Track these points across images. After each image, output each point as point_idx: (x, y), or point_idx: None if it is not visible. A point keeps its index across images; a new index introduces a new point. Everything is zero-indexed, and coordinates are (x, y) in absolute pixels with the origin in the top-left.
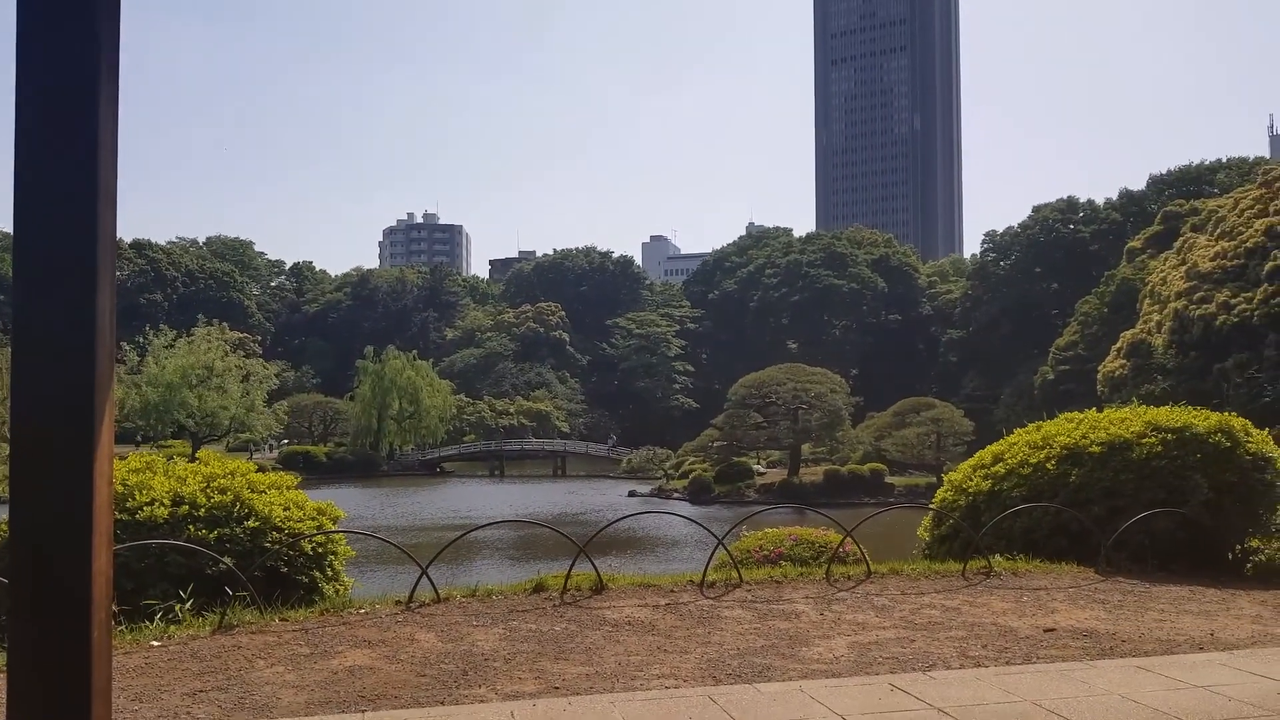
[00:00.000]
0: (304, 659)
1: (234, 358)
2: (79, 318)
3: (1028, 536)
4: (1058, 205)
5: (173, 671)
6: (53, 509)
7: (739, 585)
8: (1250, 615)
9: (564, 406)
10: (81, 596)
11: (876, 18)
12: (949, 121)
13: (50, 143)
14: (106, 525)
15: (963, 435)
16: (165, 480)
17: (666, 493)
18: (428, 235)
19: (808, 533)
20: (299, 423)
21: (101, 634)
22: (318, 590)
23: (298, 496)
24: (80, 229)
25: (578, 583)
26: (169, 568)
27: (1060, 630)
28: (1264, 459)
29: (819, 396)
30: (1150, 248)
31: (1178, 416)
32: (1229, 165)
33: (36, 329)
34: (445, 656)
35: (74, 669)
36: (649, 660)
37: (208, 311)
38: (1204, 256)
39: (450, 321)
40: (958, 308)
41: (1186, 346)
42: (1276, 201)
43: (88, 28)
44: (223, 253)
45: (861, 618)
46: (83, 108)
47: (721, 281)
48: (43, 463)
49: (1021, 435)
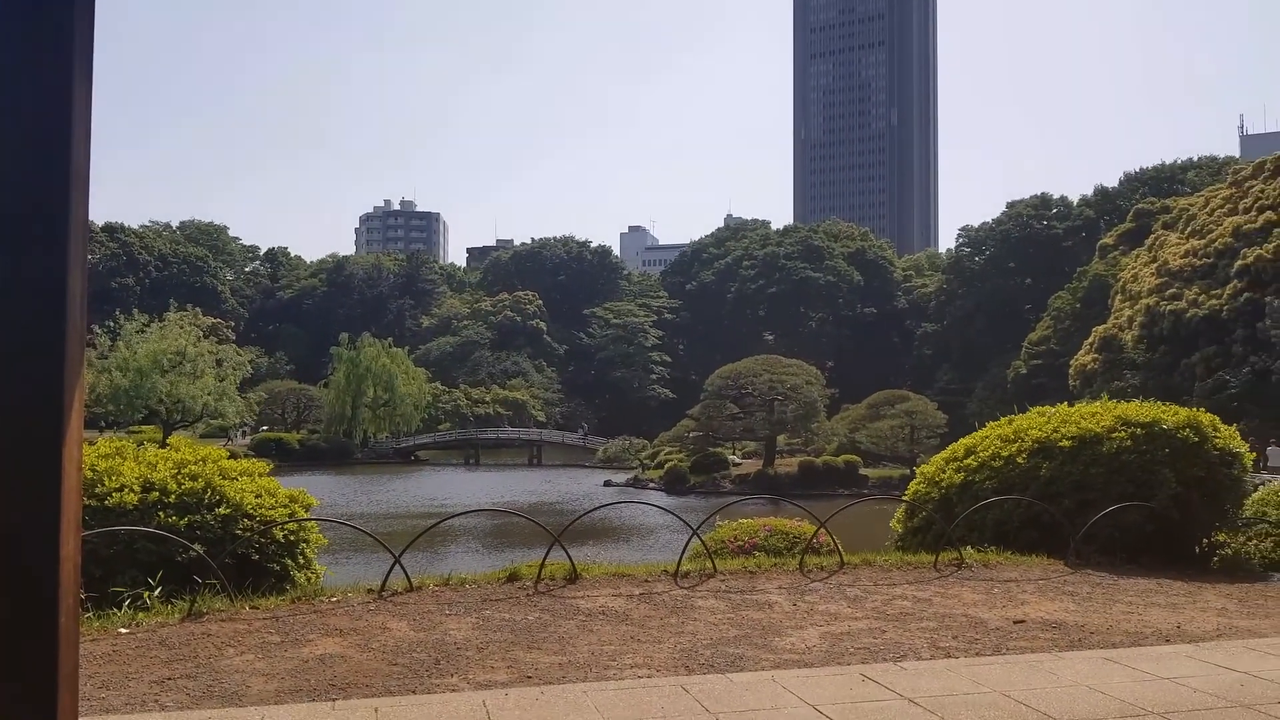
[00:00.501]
0: (274, 647)
1: (207, 343)
2: (49, 302)
3: (999, 529)
4: (1032, 201)
5: (141, 659)
6: (20, 494)
7: (713, 575)
8: (1216, 608)
9: (540, 396)
10: (49, 583)
11: (855, 13)
12: (925, 117)
13: (19, 121)
14: (75, 511)
15: (936, 428)
16: (135, 466)
17: (642, 482)
18: (405, 222)
19: (782, 523)
20: (272, 410)
21: (69, 621)
22: (289, 578)
23: (270, 484)
24: (51, 211)
25: (552, 572)
26: (138, 554)
27: (1030, 622)
28: (1231, 454)
29: (795, 388)
30: (1122, 244)
31: (1147, 411)
32: (1200, 165)
33: (4, 313)
34: (417, 645)
35: (40, 656)
36: (622, 650)
37: (180, 296)
38: (1175, 254)
39: (427, 309)
40: (932, 301)
41: (1156, 341)
42: (1245, 201)
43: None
44: (196, 237)
45: (834, 608)
46: (55, 87)
47: (699, 273)
48: (10, 448)
49: (994, 429)
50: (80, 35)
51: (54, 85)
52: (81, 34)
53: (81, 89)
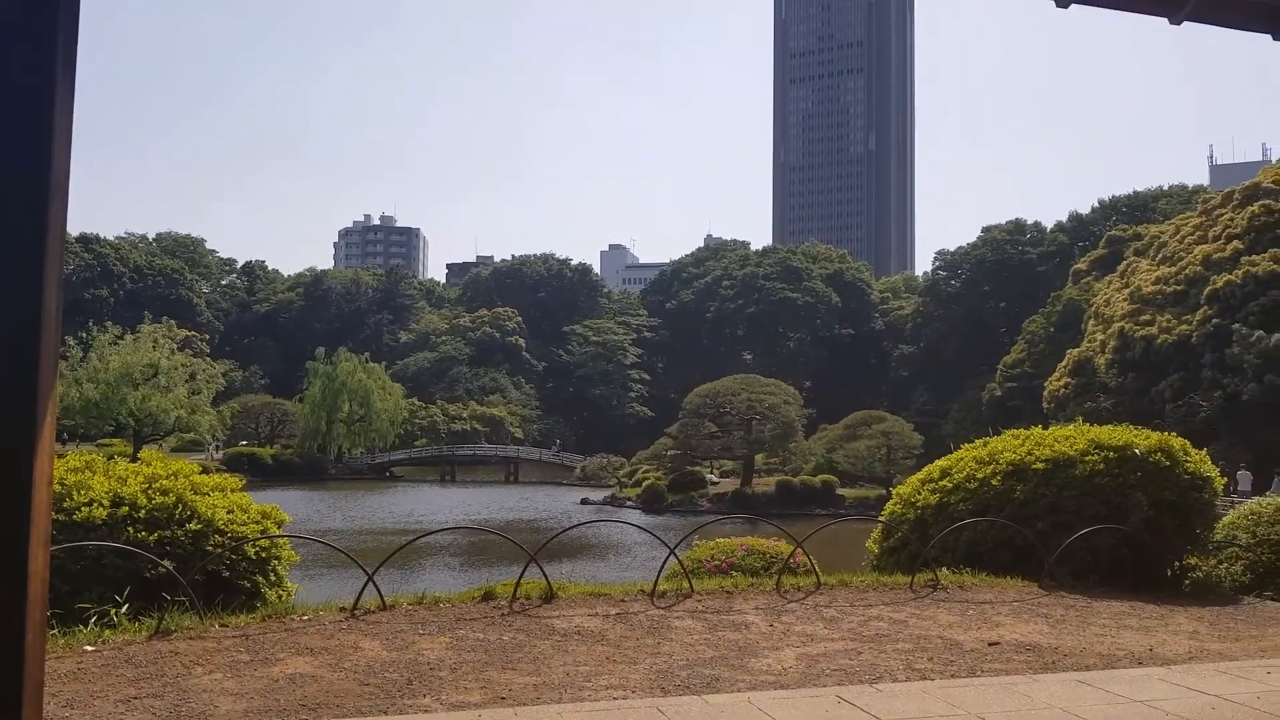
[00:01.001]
0: (244, 666)
1: (180, 356)
2: (23, 316)
3: (973, 550)
4: (1007, 227)
5: (106, 677)
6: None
7: (690, 595)
8: (1188, 631)
9: (518, 412)
10: (16, 598)
11: (835, 39)
12: (903, 142)
13: (3, 134)
14: (44, 527)
15: (912, 449)
16: (105, 480)
17: (619, 500)
18: (384, 238)
19: (759, 543)
20: (245, 424)
21: (35, 637)
22: (260, 595)
23: (242, 499)
24: (29, 225)
25: (527, 591)
26: (106, 570)
27: (1004, 644)
28: (1201, 478)
29: (773, 408)
30: (1095, 270)
31: (1119, 435)
32: (1171, 193)
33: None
34: (390, 665)
35: (6, 671)
36: (597, 670)
37: (155, 309)
38: (1146, 280)
39: (405, 325)
40: (909, 324)
41: (1128, 366)
42: (1215, 229)
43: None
44: (173, 249)
45: (810, 629)
46: (38, 101)
47: (679, 292)
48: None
49: (969, 451)
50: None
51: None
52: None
53: (63, 103)
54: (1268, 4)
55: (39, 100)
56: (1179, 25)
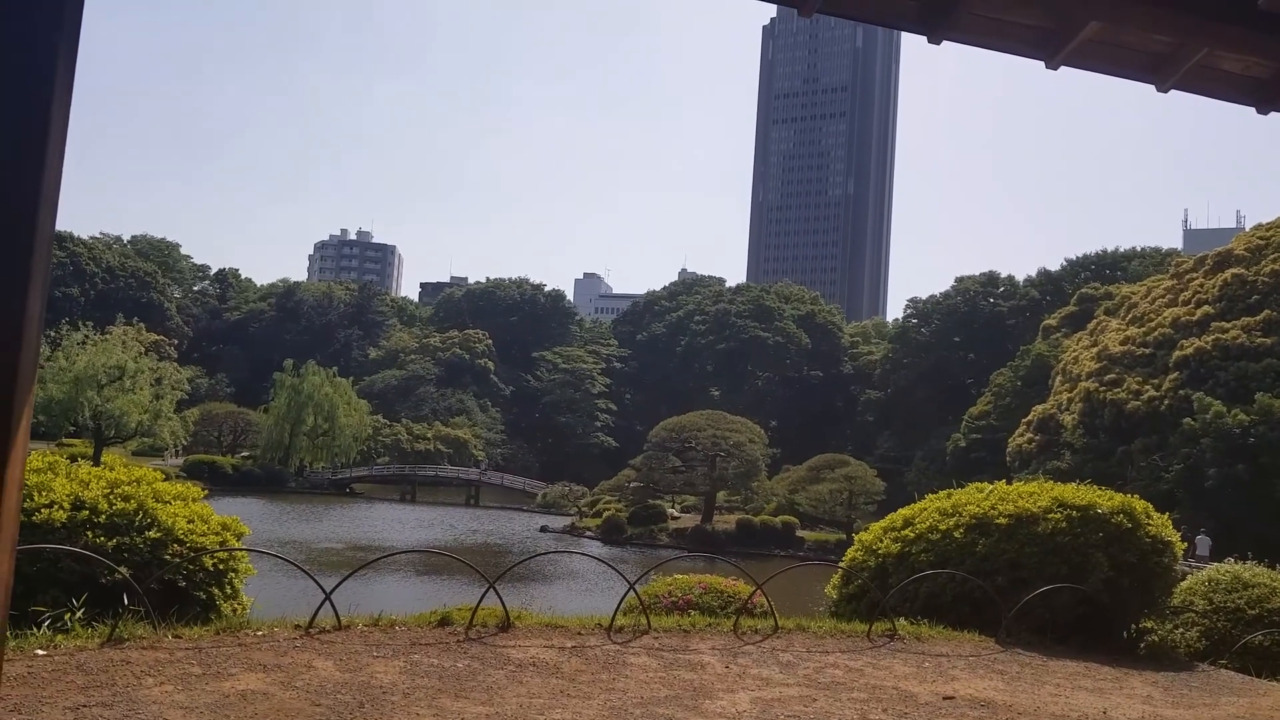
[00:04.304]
0: (195, 679)
1: (147, 360)
2: (5, 321)
3: (932, 601)
4: (979, 278)
5: (56, 683)
6: None
7: (647, 632)
8: (1142, 695)
9: (483, 435)
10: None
11: (819, 83)
12: (881, 188)
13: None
14: (12, 532)
15: (874, 494)
16: (67, 483)
17: (579, 530)
18: (360, 253)
19: (718, 581)
20: (208, 431)
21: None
22: (215, 608)
23: (203, 509)
24: (17, 230)
25: (484, 618)
26: (62, 574)
27: (959, 698)
28: (1163, 542)
29: (738, 445)
30: (1065, 326)
31: (1083, 495)
32: (1143, 254)
33: None
34: (342, 687)
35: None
36: (551, 704)
37: (126, 310)
38: (1115, 340)
39: (375, 341)
40: (878, 369)
41: (1096, 429)
42: (1185, 293)
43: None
44: (147, 252)
45: (766, 673)
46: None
47: (651, 324)
48: None
49: (932, 501)
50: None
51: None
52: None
53: (59, 110)
54: (1253, 77)
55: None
56: (1165, 93)
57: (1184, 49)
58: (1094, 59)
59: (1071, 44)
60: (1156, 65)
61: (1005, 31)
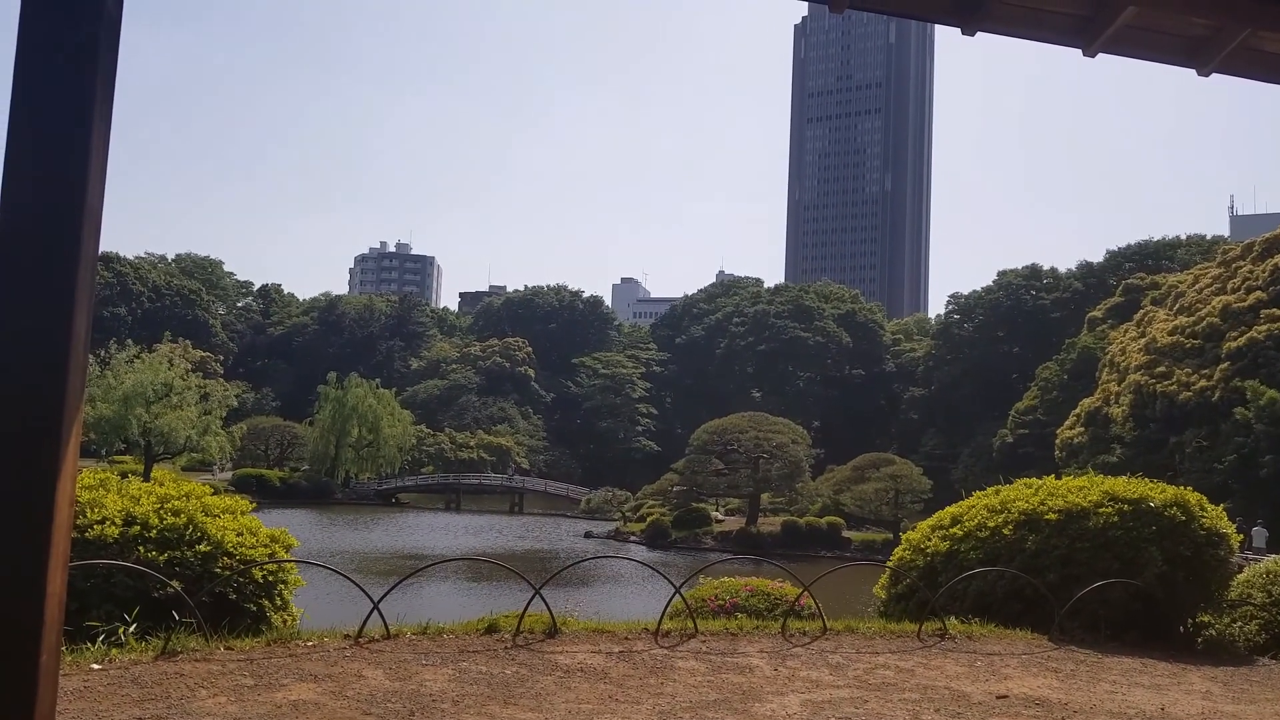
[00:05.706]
0: (248, 690)
1: (194, 377)
2: (53, 341)
3: (982, 599)
4: (1022, 271)
5: (112, 697)
6: (11, 531)
7: (694, 635)
8: (1200, 691)
9: (525, 443)
10: (33, 619)
11: (853, 80)
12: (919, 183)
13: (40, 166)
14: (64, 548)
15: (921, 493)
16: (119, 499)
17: (623, 535)
18: (399, 265)
19: (764, 584)
20: (255, 445)
21: (50, 659)
22: (266, 620)
23: (252, 522)
24: (61, 251)
25: (531, 624)
26: (115, 589)
27: (1013, 697)
28: (1217, 534)
29: (780, 447)
30: (1110, 318)
31: (1134, 488)
32: (1189, 242)
33: (8, 351)
34: (392, 695)
35: (20, 692)
36: (599, 709)
37: (172, 328)
38: (1163, 330)
39: (416, 351)
40: (920, 366)
41: (1146, 421)
42: (1234, 280)
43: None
44: (191, 270)
45: (816, 675)
46: (74, 136)
47: (689, 327)
48: (4, 485)
49: (980, 499)
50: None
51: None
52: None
53: (99, 138)
54: None
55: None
56: (1206, 77)
57: (1224, 31)
58: (1132, 45)
59: (1109, 30)
60: (1196, 49)
61: (1040, 20)
